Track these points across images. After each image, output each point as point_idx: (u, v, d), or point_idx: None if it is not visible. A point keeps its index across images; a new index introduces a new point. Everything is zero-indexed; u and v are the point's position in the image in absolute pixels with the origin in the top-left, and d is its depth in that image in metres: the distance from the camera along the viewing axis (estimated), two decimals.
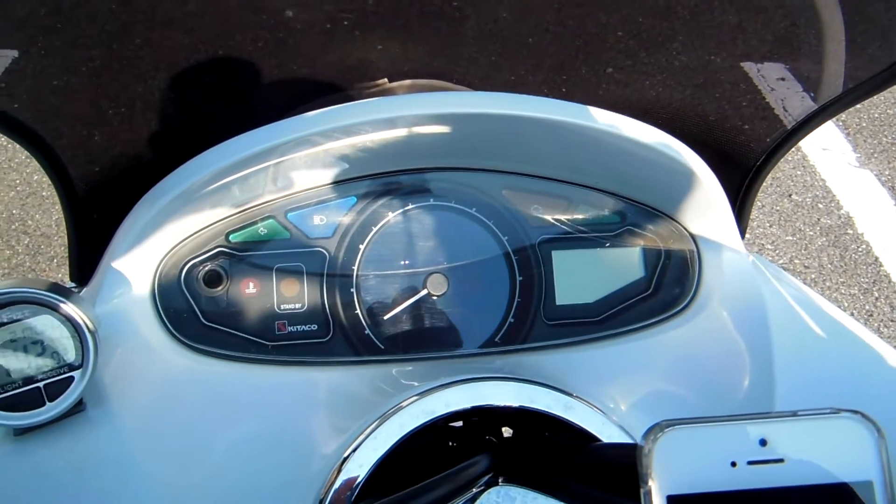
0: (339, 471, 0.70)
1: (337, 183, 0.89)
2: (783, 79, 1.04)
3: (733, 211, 0.90)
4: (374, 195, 0.89)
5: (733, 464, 0.46)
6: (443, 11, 1.02)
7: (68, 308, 0.67)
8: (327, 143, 0.81)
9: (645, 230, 0.93)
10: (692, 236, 0.92)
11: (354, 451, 0.70)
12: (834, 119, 3.07)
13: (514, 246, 0.90)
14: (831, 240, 2.81)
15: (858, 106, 3.07)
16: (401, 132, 0.83)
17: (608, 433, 0.72)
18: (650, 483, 0.46)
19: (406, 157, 0.89)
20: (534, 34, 1.05)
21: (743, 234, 1.00)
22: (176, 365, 0.81)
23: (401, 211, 0.89)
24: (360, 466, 0.69)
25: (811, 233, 2.83)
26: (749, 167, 1.03)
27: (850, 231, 2.84)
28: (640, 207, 0.93)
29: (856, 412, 0.46)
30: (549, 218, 0.92)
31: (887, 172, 3.08)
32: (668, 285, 0.92)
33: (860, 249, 2.77)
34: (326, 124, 0.80)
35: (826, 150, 3.16)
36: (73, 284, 0.95)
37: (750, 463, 0.45)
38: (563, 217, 0.92)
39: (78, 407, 0.70)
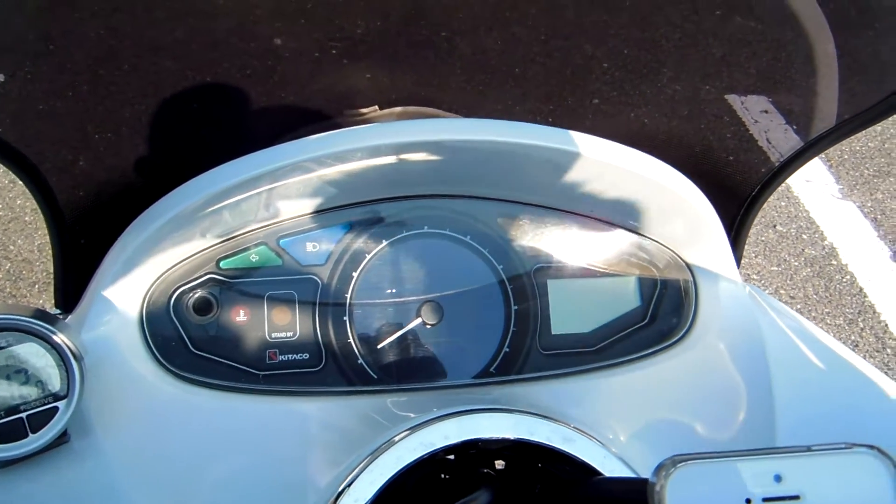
0: None
1: (330, 210, 0.88)
2: (767, 112, 1.05)
3: (729, 241, 0.90)
4: (367, 222, 0.88)
5: (748, 501, 0.44)
6: (431, 41, 1.02)
7: (54, 335, 0.65)
8: (321, 170, 0.80)
9: (641, 259, 0.92)
10: (688, 266, 0.92)
11: (349, 485, 0.68)
12: None
13: (508, 275, 0.89)
14: (816, 270, 2.82)
15: None
16: (395, 159, 0.82)
17: (610, 466, 0.70)
18: None
19: (400, 185, 0.88)
20: (521, 64, 1.05)
21: (738, 263, 1.00)
22: (164, 394, 0.78)
23: (395, 238, 0.88)
24: (355, 501, 0.67)
25: (796, 263, 2.85)
26: (744, 197, 1.03)
27: (835, 262, 2.86)
28: (635, 236, 0.92)
29: (871, 447, 0.45)
30: (544, 247, 0.91)
31: (869, 204, 3.11)
32: (665, 315, 0.91)
33: (845, 280, 2.79)
34: (321, 150, 0.78)
35: (809, 181, 3.19)
36: (57, 311, 0.92)
37: (766, 500, 0.44)
38: (558, 246, 0.91)
39: (62, 439, 0.67)
